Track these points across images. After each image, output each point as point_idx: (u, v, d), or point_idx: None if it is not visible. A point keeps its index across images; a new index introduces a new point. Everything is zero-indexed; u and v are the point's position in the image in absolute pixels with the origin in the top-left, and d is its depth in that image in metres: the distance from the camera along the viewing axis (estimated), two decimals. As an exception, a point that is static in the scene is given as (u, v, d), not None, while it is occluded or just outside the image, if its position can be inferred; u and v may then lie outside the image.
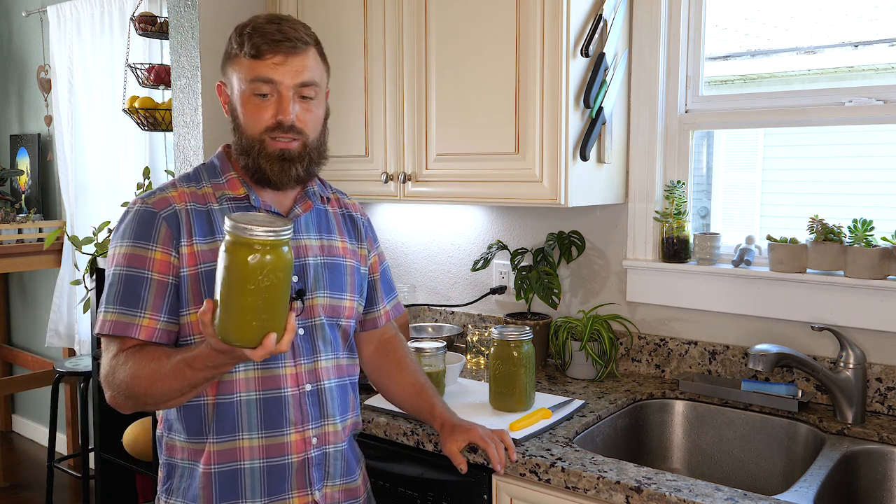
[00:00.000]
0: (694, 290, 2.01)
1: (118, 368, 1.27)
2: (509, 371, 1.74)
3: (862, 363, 1.72)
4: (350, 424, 1.47)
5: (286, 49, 1.33)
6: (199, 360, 1.19)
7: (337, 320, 1.44)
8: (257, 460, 1.34)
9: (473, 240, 2.46)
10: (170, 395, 1.25)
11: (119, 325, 1.29)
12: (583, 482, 1.44)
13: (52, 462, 3.45)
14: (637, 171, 2.09)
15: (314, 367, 1.39)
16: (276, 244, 1.09)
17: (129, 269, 1.31)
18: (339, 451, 1.43)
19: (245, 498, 1.34)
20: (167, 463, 1.41)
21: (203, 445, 1.34)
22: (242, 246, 1.08)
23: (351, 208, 1.58)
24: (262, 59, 1.33)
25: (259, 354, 1.12)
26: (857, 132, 1.99)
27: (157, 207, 1.34)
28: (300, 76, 1.34)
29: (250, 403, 1.34)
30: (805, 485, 1.43)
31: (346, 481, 1.45)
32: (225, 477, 1.34)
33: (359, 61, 2.20)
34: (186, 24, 2.36)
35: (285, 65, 1.33)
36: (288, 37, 1.33)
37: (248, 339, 1.11)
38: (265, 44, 1.32)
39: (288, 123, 1.34)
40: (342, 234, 1.51)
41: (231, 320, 1.10)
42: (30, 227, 3.97)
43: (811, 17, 1.99)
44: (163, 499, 1.41)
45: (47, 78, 4.11)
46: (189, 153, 2.41)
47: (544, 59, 1.83)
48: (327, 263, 1.45)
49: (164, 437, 1.41)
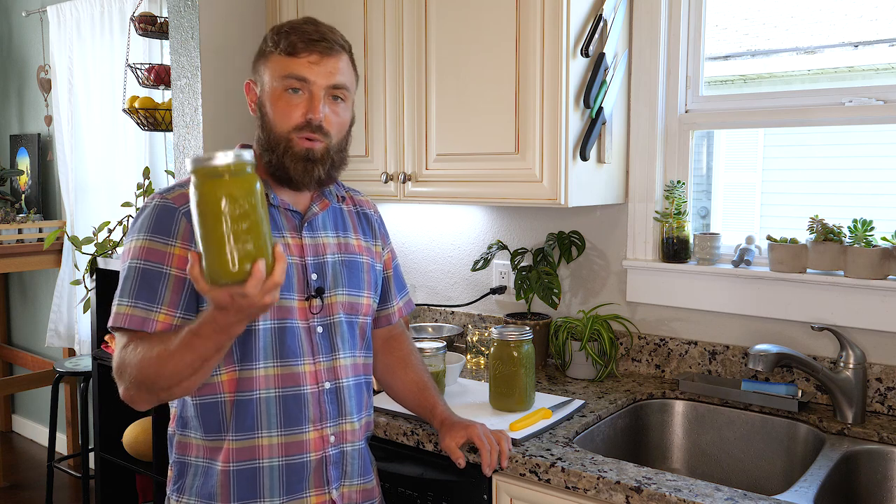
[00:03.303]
0: (694, 290, 2.01)
1: (128, 357, 1.24)
2: (509, 371, 1.74)
3: (862, 363, 1.72)
4: (365, 423, 1.47)
5: (322, 49, 1.34)
6: (206, 325, 1.14)
7: (355, 318, 1.45)
8: (276, 458, 1.34)
9: (473, 240, 2.46)
10: (181, 374, 1.19)
11: (134, 319, 1.26)
12: (583, 482, 1.44)
13: (52, 462, 3.45)
14: (637, 171, 2.09)
15: (333, 364, 1.40)
16: (239, 168, 1.05)
17: (146, 262, 1.29)
18: (357, 449, 1.44)
19: (263, 496, 1.34)
20: (179, 461, 1.39)
21: (221, 443, 1.33)
22: (206, 177, 1.05)
23: (364, 205, 1.58)
24: (298, 56, 1.33)
25: (252, 286, 1.05)
26: (857, 132, 1.99)
27: (178, 203, 1.33)
28: (333, 77, 1.35)
29: (269, 401, 1.34)
30: (805, 485, 1.43)
31: (362, 481, 1.45)
32: (243, 475, 1.33)
33: (359, 61, 2.19)
34: (186, 24, 2.36)
35: (320, 64, 1.33)
36: (325, 37, 1.34)
37: (237, 273, 1.06)
38: (301, 42, 1.33)
39: (317, 122, 1.34)
40: (357, 232, 1.51)
41: (215, 259, 1.05)
42: (30, 227, 3.97)
43: (811, 17, 1.99)
44: (173, 497, 1.39)
45: (47, 78, 4.11)
46: (189, 153, 2.41)
47: (544, 59, 1.83)
48: (345, 261, 1.45)
49: (177, 434, 1.39)
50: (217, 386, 1.33)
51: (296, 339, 1.36)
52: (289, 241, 1.39)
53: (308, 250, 1.40)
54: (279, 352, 1.34)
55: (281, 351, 1.34)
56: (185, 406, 1.37)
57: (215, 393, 1.33)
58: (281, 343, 1.34)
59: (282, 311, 1.35)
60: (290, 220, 1.41)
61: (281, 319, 1.35)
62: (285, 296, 1.35)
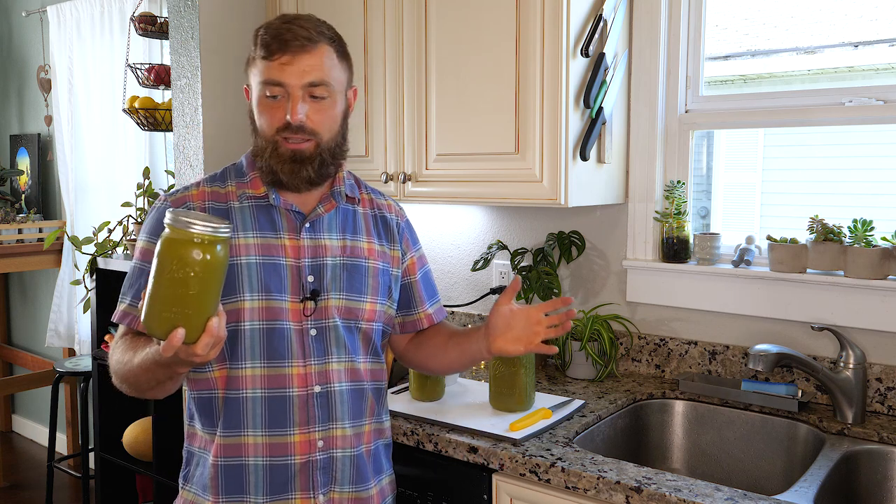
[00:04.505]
0: (694, 290, 2.01)
1: (114, 352, 1.34)
2: (509, 371, 1.74)
3: (862, 363, 1.72)
4: (368, 431, 1.44)
5: (294, 48, 1.32)
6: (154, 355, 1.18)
7: (355, 322, 1.42)
8: (261, 458, 1.35)
9: (473, 240, 2.46)
10: (141, 387, 1.28)
11: (125, 314, 1.37)
12: (583, 482, 1.44)
13: (52, 462, 3.45)
14: (637, 171, 2.09)
15: (325, 368, 1.38)
16: (198, 237, 1.06)
17: (141, 262, 1.38)
18: (349, 456, 1.40)
19: (248, 493, 1.35)
20: (187, 450, 1.44)
21: (214, 437, 1.37)
22: (167, 236, 1.08)
23: (385, 209, 1.54)
24: (272, 59, 1.32)
25: (165, 348, 1.08)
26: (857, 132, 1.99)
27: (175, 205, 1.40)
28: (307, 76, 1.33)
29: (255, 400, 1.34)
30: (805, 485, 1.43)
31: (355, 489, 1.41)
32: (231, 471, 1.35)
33: (359, 61, 2.19)
34: (186, 24, 2.36)
35: (292, 64, 1.32)
36: (296, 35, 1.32)
37: (157, 329, 1.08)
38: (275, 43, 1.32)
39: (296, 124, 1.33)
40: (370, 235, 1.48)
41: (148, 308, 1.08)
42: (30, 227, 3.97)
43: (811, 17, 1.99)
44: (181, 485, 1.45)
45: (47, 78, 4.11)
46: (189, 153, 2.41)
47: (544, 59, 1.83)
48: (347, 264, 1.42)
49: (187, 424, 1.45)
50: (211, 381, 1.36)
51: (285, 340, 1.35)
52: (286, 243, 1.39)
53: (306, 252, 1.39)
54: (266, 353, 1.35)
55: (268, 352, 1.35)
56: (189, 398, 1.42)
57: (210, 388, 1.36)
58: (269, 344, 1.34)
59: (272, 311, 1.35)
60: (291, 220, 1.41)
61: (270, 320, 1.35)
62: (276, 297, 1.35)
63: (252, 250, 1.36)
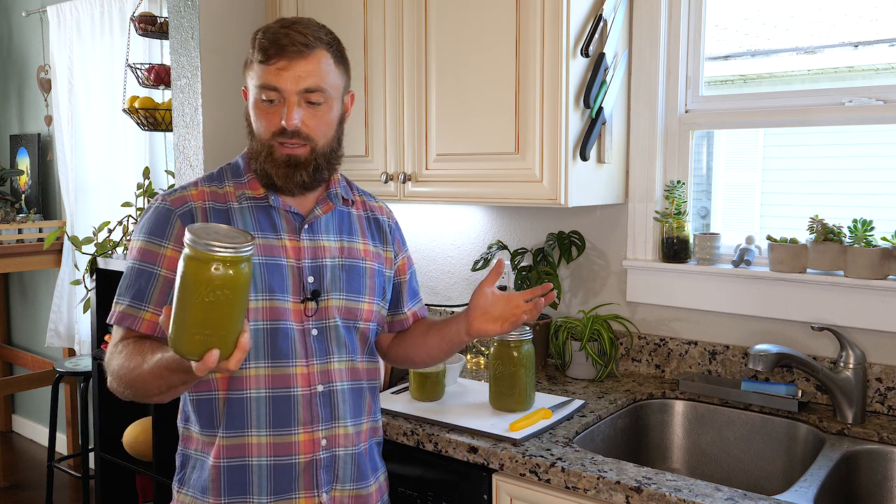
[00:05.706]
0: (694, 290, 2.01)
1: (114, 356, 1.30)
2: (509, 371, 1.74)
3: (862, 363, 1.72)
4: (366, 430, 1.46)
5: (291, 54, 1.31)
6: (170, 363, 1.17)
7: (354, 322, 1.43)
8: (265, 458, 1.35)
9: (473, 240, 2.46)
10: (149, 392, 1.24)
11: (125, 316, 1.33)
12: (583, 482, 1.44)
13: (52, 462, 3.45)
14: (637, 171, 2.09)
15: (327, 367, 1.39)
16: (223, 260, 1.04)
17: (141, 263, 1.35)
18: (350, 454, 1.42)
19: (252, 494, 1.35)
20: (182, 453, 1.43)
21: (214, 439, 1.36)
22: (191, 257, 1.04)
23: (377, 211, 1.56)
24: (269, 63, 1.32)
25: (199, 369, 1.07)
26: (857, 132, 1.99)
27: (175, 205, 1.37)
28: (303, 82, 1.32)
29: (259, 401, 1.34)
30: (805, 485, 1.43)
31: (356, 487, 1.43)
32: (233, 472, 1.34)
33: (359, 61, 2.19)
34: (186, 24, 2.37)
35: (288, 70, 1.32)
36: (293, 41, 1.31)
37: (191, 352, 1.07)
38: (273, 47, 1.32)
39: (291, 129, 1.33)
40: (365, 237, 1.50)
41: (176, 330, 1.07)
42: (30, 227, 3.97)
43: (811, 17, 1.99)
44: (175, 488, 1.43)
45: (47, 78, 4.11)
46: (189, 153, 2.41)
47: (544, 59, 1.83)
48: (345, 265, 1.44)
49: (182, 426, 1.43)
50: (212, 382, 1.35)
51: (288, 340, 1.36)
52: (286, 244, 1.39)
53: (306, 253, 1.40)
54: (271, 352, 1.35)
55: (273, 352, 1.35)
56: (185, 400, 1.41)
57: (210, 389, 1.35)
58: (273, 344, 1.35)
59: (275, 312, 1.35)
60: (291, 221, 1.41)
61: (274, 320, 1.35)
62: (279, 297, 1.35)
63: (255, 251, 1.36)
